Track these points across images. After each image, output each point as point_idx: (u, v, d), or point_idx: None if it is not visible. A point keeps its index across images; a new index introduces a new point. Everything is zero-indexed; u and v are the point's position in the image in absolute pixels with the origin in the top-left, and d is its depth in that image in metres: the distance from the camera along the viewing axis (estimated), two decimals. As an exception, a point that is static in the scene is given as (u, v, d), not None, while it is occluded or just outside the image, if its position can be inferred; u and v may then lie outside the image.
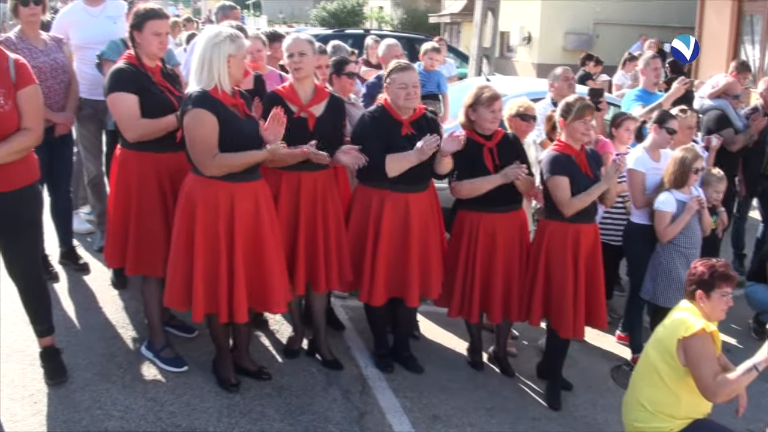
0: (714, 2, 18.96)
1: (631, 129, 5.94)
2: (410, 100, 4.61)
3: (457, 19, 29.28)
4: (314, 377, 4.80)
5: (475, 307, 4.88)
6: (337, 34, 14.21)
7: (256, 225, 4.15)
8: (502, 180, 4.65)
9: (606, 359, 5.65)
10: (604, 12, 23.09)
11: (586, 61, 12.96)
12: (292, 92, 4.61)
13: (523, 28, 24.23)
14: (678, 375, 3.77)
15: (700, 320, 3.73)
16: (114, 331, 5.13)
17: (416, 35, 16.73)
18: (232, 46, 4.00)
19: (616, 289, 6.57)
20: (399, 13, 34.51)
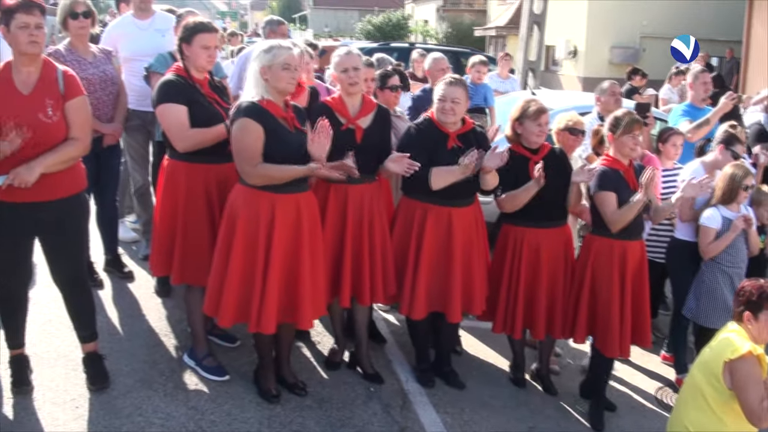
0: (762, 15, 18.68)
1: (677, 144, 5.84)
2: (446, 114, 4.59)
3: (503, 32, 29.23)
4: (355, 390, 4.77)
5: (518, 322, 4.83)
6: (382, 47, 14.26)
7: (296, 237, 4.15)
8: (535, 186, 4.57)
9: (650, 380, 5.53)
10: (651, 25, 22.88)
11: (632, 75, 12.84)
12: (341, 104, 4.62)
13: (569, 41, 24.11)
14: (723, 398, 3.67)
15: (748, 343, 3.63)
16: (157, 338, 5.17)
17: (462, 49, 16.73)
18: (270, 57, 4.03)
19: (661, 308, 6.45)
20: (444, 26, 34.56)
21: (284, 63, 4.03)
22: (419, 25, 38.23)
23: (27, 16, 3.88)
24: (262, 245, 4.07)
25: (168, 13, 6.34)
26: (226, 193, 4.39)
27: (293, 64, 4.07)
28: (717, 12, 22.55)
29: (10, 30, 3.90)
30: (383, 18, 38.24)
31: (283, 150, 4.02)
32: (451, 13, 35.59)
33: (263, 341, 4.40)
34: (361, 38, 34.54)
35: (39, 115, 3.91)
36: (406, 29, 38.33)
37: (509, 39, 28.82)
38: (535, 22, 12.56)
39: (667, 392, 5.31)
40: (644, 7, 22.63)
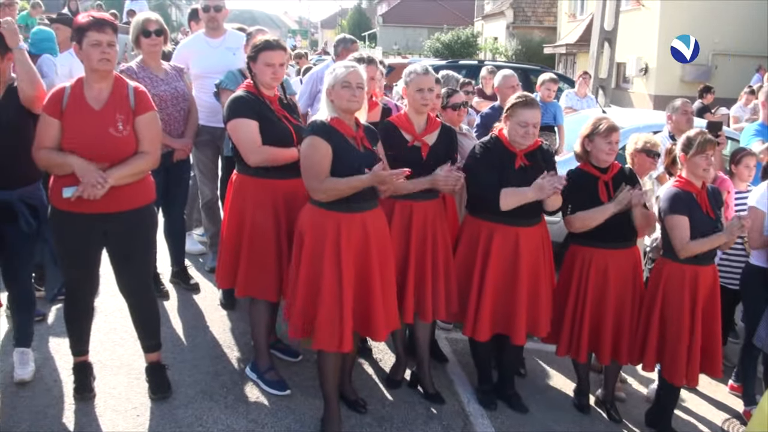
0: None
1: (751, 165, 5.68)
2: (527, 138, 4.54)
3: (573, 50, 28.89)
4: (415, 410, 4.73)
5: (584, 346, 4.73)
6: (451, 65, 14.24)
7: (365, 254, 4.13)
8: (615, 208, 4.49)
9: (717, 410, 5.37)
10: (723, 42, 22.31)
11: (704, 93, 12.58)
12: (407, 122, 4.62)
13: (640, 59, 23.69)
14: None
15: None
16: (220, 350, 5.21)
17: (531, 66, 16.61)
18: (333, 78, 4.05)
19: (731, 336, 6.27)
20: (513, 44, 34.34)
21: (344, 81, 4.04)
22: (488, 43, 38.06)
23: (99, 34, 3.98)
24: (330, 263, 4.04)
25: (239, 32, 6.44)
26: (294, 208, 4.42)
27: (354, 81, 4.07)
28: (791, 28, 21.93)
29: (82, 47, 4.02)
30: (452, 35, 38.21)
31: (350, 168, 4.01)
32: (520, 30, 35.35)
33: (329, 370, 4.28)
34: (430, 56, 34.59)
35: (110, 130, 4.02)
36: (475, 47, 38.22)
37: (579, 56, 28.49)
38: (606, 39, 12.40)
39: (734, 424, 5.14)
40: (716, 24, 22.08)
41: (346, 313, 4.05)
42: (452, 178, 4.41)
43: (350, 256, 4.07)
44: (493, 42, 37.27)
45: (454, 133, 4.84)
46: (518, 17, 35.84)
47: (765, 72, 19.33)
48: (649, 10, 22.75)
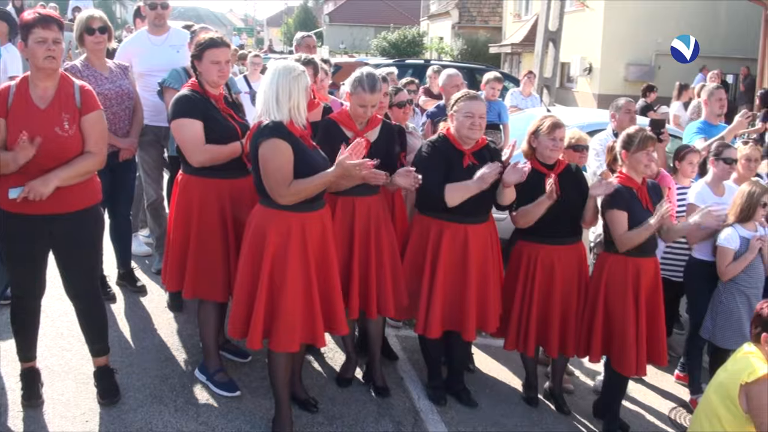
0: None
1: (694, 162, 5.81)
2: (474, 130, 4.57)
3: (518, 49, 29.24)
4: (366, 407, 4.75)
5: (531, 340, 4.79)
6: (398, 64, 14.29)
7: (324, 251, 4.15)
8: (548, 201, 4.53)
9: (664, 400, 5.48)
10: (666, 43, 22.75)
11: (647, 92, 12.86)
12: (348, 118, 4.63)
13: (584, 58, 24.11)
14: (739, 422, 3.63)
15: (765, 365, 3.58)
16: (168, 353, 5.16)
17: (477, 65, 16.75)
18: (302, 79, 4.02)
19: (676, 327, 6.41)
20: (459, 43, 34.60)
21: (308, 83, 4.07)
22: (434, 42, 38.28)
23: (45, 31, 3.91)
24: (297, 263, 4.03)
25: (183, 30, 6.38)
26: (240, 208, 4.40)
27: None
28: (732, 30, 22.52)
29: (27, 45, 3.94)
30: (398, 35, 38.32)
31: (309, 169, 3.98)
32: (466, 30, 35.61)
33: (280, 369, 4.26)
34: (377, 54, 34.64)
35: (55, 129, 3.95)
36: (421, 46, 38.40)
37: (524, 56, 28.84)
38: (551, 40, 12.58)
39: (681, 412, 5.26)
40: (659, 25, 22.60)
41: (317, 311, 4.07)
42: (411, 179, 4.44)
43: (315, 256, 4.08)
44: (439, 41, 37.50)
45: (396, 130, 4.87)
46: (464, 17, 36.11)
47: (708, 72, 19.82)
48: (593, 11, 23.15)
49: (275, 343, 4.12)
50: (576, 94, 25.34)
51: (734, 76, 21.25)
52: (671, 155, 6.34)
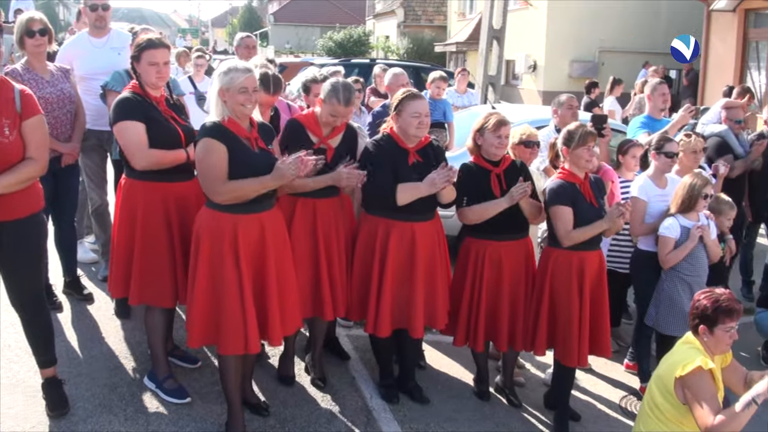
0: (719, 29, 19.06)
1: (637, 156, 5.91)
2: (421, 129, 4.61)
3: (463, 47, 29.40)
4: (319, 408, 4.75)
5: (480, 335, 4.84)
6: (344, 63, 14.29)
7: (261, 256, 4.11)
8: (507, 203, 4.61)
9: (614, 388, 5.57)
10: (609, 40, 23.22)
11: (591, 88, 13.07)
12: (315, 123, 4.64)
13: (529, 56, 24.36)
14: (679, 412, 3.70)
15: (698, 357, 3.63)
16: (117, 361, 5.10)
17: (422, 64, 16.82)
18: (228, 80, 3.99)
19: (624, 317, 6.51)
20: (405, 42, 34.68)
21: (241, 87, 4.00)
22: (380, 41, 38.32)
23: None
24: (230, 266, 4.02)
25: (125, 31, 6.30)
26: (185, 212, 4.37)
27: (250, 86, 4.04)
28: (674, 26, 22.94)
29: (-34, 50, 3.85)
30: (344, 34, 38.26)
31: (247, 169, 3.98)
32: (411, 29, 35.72)
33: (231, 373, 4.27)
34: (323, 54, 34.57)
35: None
36: (367, 45, 38.41)
37: (469, 54, 29.02)
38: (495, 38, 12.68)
39: (631, 400, 5.36)
40: (602, 23, 22.97)
41: (249, 315, 4.03)
42: (354, 175, 4.45)
43: (248, 258, 4.05)
44: (385, 40, 37.55)
45: (356, 133, 4.90)
46: (409, 16, 36.22)
47: (650, 66, 20.22)
48: (537, 10, 23.40)
49: (222, 346, 4.10)
50: (521, 92, 25.60)
51: (677, 72, 21.71)
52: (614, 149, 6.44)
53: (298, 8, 58.61)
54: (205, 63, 9.49)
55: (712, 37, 19.31)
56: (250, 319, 4.04)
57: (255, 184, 3.97)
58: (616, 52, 22.95)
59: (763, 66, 18.04)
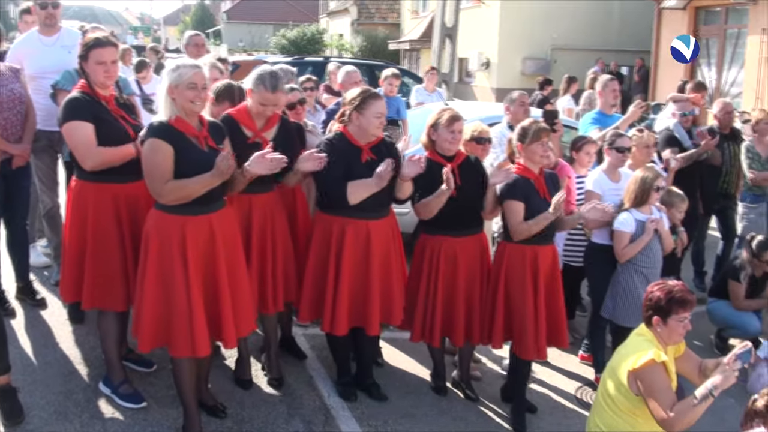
0: (670, 25, 19.42)
1: (591, 152, 5.98)
2: (380, 128, 4.65)
3: (417, 45, 29.52)
4: (276, 409, 4.74)
5: (437, 331, 4.86)
6: (297, 61, 14.23)
7: (211, 257, 4.09)
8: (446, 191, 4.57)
9: (570, 380, 5.64)
10: (561, 38, 23.51)
11: (544, 85, 13.21)
12: (248, 117, 4.60)
13: (482, 54, 24.53)
14: (633, 404, 3.74)
15: (651, 350, 3.68)
16: (71, 367, 5.03)
17: (376, 62, 16.84)
18: (177, 76, 3.97)
19: (578, 310, 6.60)
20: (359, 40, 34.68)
21: (190, 82, 3.97)
22: (334, 39, 38.26)
23: None
24: (178, 268, 3.99)
25: (75, 30, 6.20)
26: (137, 213, 4.32)
27: (200, 83, 4.01)
28: (626, 23, 23.34)
29: None
30: (298, 32, 38.09)
31: (195, 168, 3.94)
32: (365, 27, 35.72)
33: (184, 375, 4.24)
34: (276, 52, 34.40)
35: None
36: (321, 43, 38.32)
37: (423, 52, 29.12)
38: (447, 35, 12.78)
39: (587, 391, 5.43)
40: (555, 20, 23.24)
41: (197, 317, 4.00)
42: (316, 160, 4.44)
43: (198, 259, 4.02)
44: (339, 38, 37.51)
45: (294, 127, 4.88)
46: (362, 14, 36.23)
47: (603, 64, 20.52)
48: (489, 8, 23.59)
49: (173, 348, 4.07)
50: (475, 89, 25.76)
51: (629, 68, 22.05)
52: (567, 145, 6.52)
53: (252, 6, 58.29)
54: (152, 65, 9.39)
55: (663, 34, 19.67)
56: (198, 321, 4.01)
57: (196, 183, 3.93)
58: (569, 50, 23.23)
59: (713, 62, 18.43)
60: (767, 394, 4.01)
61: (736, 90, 17.55)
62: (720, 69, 18.15)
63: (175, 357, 4.17)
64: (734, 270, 6.23)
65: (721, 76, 18.06)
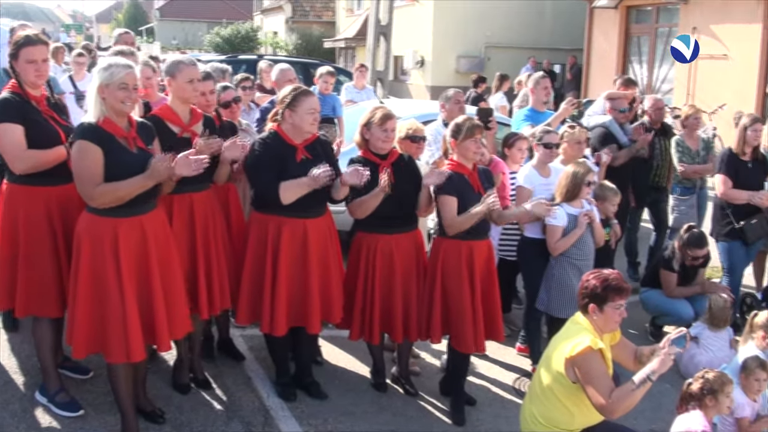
0: (602, 24, 19.85)
1: (523, 148, 6.07)
2: (314, 125, 4.63)
3: (352, 43, 29.54)
4: (215, 411, 4.71)
5: (375, 328, 4.88)
6: (231, 60, 14.09)
7: (144, 259, 4.04)
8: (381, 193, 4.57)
9: (508, 372, 5.72)
10: (495, 36, 23.80)
11: (478, 83, 13.35)
12: (173, 113, 4.56)
13: (416, 52, 24.68)
14: (570, 391, 3.80)
15: (587, 338, 3.74)
16: (7, 377, 4.92)
17: (311, 60, 16.79)
18: (108, 75, 3.91)
19: (514, 303, 6.69)
20: (294, 38, 34.54)
21: (121, 82, 3.91)
22: (269, 37, 38.02)
23: None
24: (111, 272, 3.94)
25: (4, 28, 6.03)
26: (69, 216, 4.24)
27: (131, 83, 3.96)
28: (559, 22, 23.74)
29: None
30: (232, 30, 37.74)
31: (124, 170, 3.89)
32: (300, 25, 35.61)
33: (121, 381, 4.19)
34: (210, 50, 34.01)
35: None
36: (255, 41, 38.03)
37: (358, 50, 29.14)
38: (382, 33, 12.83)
39: (524, 382, 5.49)
40: (488, 19, 23.52)
41: (131, 322, 3.95)
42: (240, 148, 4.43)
43: (130, 262, 3.97)
44: (274, 36, 37.30)
45: (227, 126, 4.88)
46: (297, 12, 36.10)
47: (535, 62, 20.84)
48: (423, 6, 23.73)
49: (108, 354, 4.01)
50: (410, 87, 25.90)
51: (561, 66, 22.43)
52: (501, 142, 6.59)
53: (185, 3, 57.61)
54: (86, 61, 9.19)
55: (595, 33, 20.11)
56: (132, 326, 3.97)
57: (129, 185, 3.88)
58: (502, 48, 23.53)
59: (644, 60, 18.90)
60: (701, 377, 4.18)
61: (667, 86, 18.04)
62: (651, 66, 18.62)
63: (111, 363, 4.11)
64: (666, 260, 6.38)
65: (653, 73, 18.53)
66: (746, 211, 6.39)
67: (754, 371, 4.60)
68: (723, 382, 4.20)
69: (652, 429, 4.75)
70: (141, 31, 55.69)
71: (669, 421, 4.35)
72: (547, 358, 3.96)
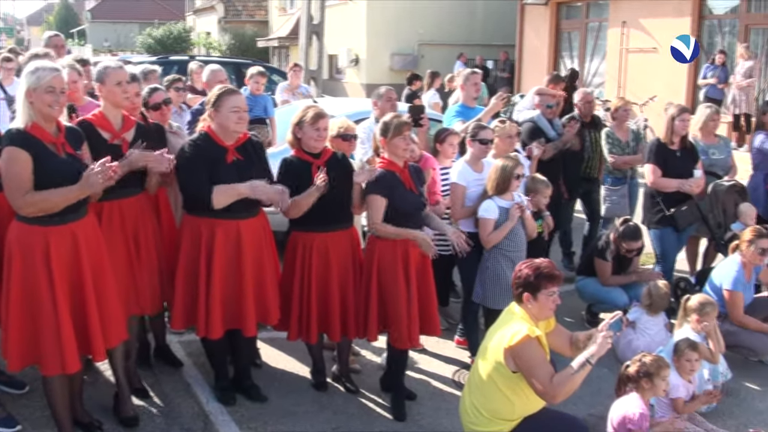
0: (532, 21, 20.17)
1: (454, 144, 6.12)
2: (240, 124, 4.58)
3: (285, 43, 29.40)
4: (154, 420, 4.65)
5: (313, 328, 4.88)
6: (161, 61, 13.89)
7: (76, 268, 3.97)
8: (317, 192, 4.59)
9: (447, 364, 5.76)
10: (428, 34, 23.98)
11: (412, 80, 13.42)
12: (105, 120, 4.48)
13: (351, 50, 24.71)
14: (510, 380, 3.85)
15: (525, 326, 3.80)
16: (-61, 394, 4.76)
17: (243, 60, 16.65)
18: (35, 79, 3.83)
19: (452, 296, 6.74)
20: (227, 38, 34.21)
21: (48, 86, 3.83)
22: (201, 38, 37.58)
23: None
24: (44, 282, 3.86)
25: None
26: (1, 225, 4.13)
27: (58, 86, 3.88)
28: (490, 18, 24.02)
29: None
30: (164, 31, 37.21)
31: (54, 177, 3.82)
32: (233, 25, 35.28)
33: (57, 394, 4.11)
34: (143, 52, 33.47)
35: None
36: (188, 42, 37.56)
37: (292, 49, 28.99)
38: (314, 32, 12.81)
39: (463, 374, 5.54)
40: (421, 16, 23.69)
41: (65, 333, 3.88)
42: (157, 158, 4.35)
43: (62, 271, 3.89)
44: (207, 37, 36.89)
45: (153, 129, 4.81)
46: (229, 11, 35.78)
47: (466, 58, 21.03)
48: (356, 4, 23.75)
49: (43, 366, 3.93)
50: (345, 85, 25.93)
51: (494, 62, 22.69)
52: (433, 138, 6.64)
53: (117, 4, 56.66)
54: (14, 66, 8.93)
55: (526, 29, 20.43)
56: (66, 337, 3.90)
57: (61, 195, 3.81)
58: (435, 45, 23.71)
59: (575, 54, 19.25)
60: (638, 360, 4.29)
61: (598, 80, 18.41)
62: (582, 61, 18.97)
63: (46, 375, 4.03)
64: (600, 250, 6.50)
65: (584, 67, 18.86)
66: (676, 199, 6.56)
67: (685, 352, 4.75)
68: (659, 366, 4.32)
69: (591, 413, 4.81)
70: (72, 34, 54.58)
71: (608, 405, 4.45)
72: (485, 349, 4.01)
